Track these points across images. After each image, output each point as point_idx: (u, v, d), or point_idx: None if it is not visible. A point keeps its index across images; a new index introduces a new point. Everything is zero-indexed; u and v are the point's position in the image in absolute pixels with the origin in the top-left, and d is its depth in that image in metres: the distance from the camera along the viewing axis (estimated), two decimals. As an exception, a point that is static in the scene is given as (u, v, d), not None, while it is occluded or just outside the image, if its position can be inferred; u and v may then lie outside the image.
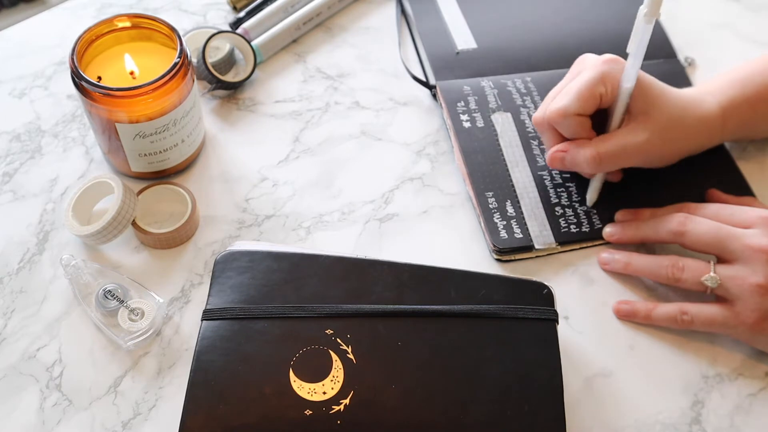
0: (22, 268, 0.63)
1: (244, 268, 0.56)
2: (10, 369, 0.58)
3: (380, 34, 0.80)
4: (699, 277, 0.58)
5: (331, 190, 0.69)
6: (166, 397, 0.57)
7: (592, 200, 0.67)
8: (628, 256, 0.63)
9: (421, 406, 0.51)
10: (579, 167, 0.64)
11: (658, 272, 0.61)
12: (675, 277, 0.60)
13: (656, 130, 0.62)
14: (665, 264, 0.60)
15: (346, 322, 0.54)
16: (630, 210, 0.66)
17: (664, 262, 0.60)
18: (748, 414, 0.58)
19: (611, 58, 0.63)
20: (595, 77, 0.61)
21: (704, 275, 0.58)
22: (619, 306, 0.62)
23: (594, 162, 0.62)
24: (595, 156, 0.62)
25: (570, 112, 0.62)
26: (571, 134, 0.64)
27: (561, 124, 0.63)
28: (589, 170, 0.64)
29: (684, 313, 0.59)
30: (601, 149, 0.62)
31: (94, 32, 0.64)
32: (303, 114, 0.74)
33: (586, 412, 0.57)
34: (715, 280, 0.58)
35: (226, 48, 0.74)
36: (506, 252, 0.64)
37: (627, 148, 0.62)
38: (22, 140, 0.71)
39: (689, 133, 0.64)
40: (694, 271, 0.59)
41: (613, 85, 0.62)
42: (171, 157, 0.66)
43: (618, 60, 0.63)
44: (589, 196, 0.67)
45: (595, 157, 0.62)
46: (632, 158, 0.63)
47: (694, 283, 0.59)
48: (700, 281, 0.58)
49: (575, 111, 0.62)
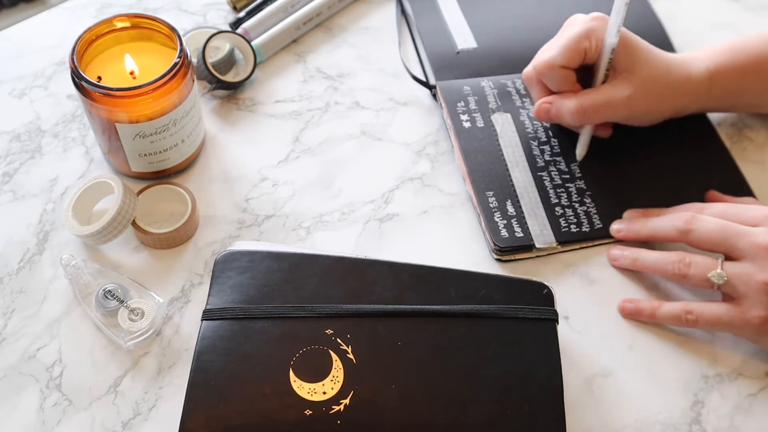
0: (22, 268, 0.63)
1: (244, 268, 0.56)
2: (10, 369, 0.58)
3: (380, 34, 0.80)
4: (706, 274, 0.58)
5: (331, 190, 0.69)
6: (166, 397, 0.57)
7: (581, 154, 0.68)
8: (636, 252, 0.63)
9: (421, 406, 0.51)
10: (563, 119, 0.66)
11: (665, 268, 0.61)
12: (682, 273, 0.60)
13: (639, 86, 0.64)
14: (672, 260, 0.60)
15: (346, 322, 0.54)
16: (638, 209, 0.66)
17: (671, 258, 0.60)
18: (748, 414, 0.58)
19: (598, 15, 0.65)
20: (581, 32, 0.64)
21: (711, 272, 0.58)
22: (624, 305, 0.62)
23: (578, 113, 0.65)
24: (579, 108, 0.65)
25: (555, 64, 0.64)
26: (556, 87, 0.66)
27: (547, 75, 0.65)
28: (573, 122, 0.66)
29: (689, 312, 0.59)
30: (585, 102, 0.65)
31: (94, 32, 0.64)
32: (303, 114, 0.74)
33: (586, 412, 0.57)
34: (721, 277, 0.57)
35: (226, 48, 0.74)
36: (507, 251, 0.64)
37: (610, 102, 0.64)
38: (22, 140, 0.71)
39: (673, 92, 0.66)
40: (701, 268, 0.59)
41: (598, 40, 0.64)
42: (171, 157, 0.66)
43: (605, 17, 0.65)
44: (578, 150, 0.69)
45: (578, 108, 0.65)
46: (616, 112, 0.65)
47: (701, 279, 0.59)
48: (706, 278, 0.58)
49: (560, 63, 0.64)
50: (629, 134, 0.71)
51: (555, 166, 0.69)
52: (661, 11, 0.81)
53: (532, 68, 0.67)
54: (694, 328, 0.60)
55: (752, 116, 0.74)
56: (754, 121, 0.74)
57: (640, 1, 0.82)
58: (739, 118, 0.74)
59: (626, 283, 0.64)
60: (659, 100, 0.66)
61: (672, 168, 0.69)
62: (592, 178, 0.68)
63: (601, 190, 0.68)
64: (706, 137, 0.71)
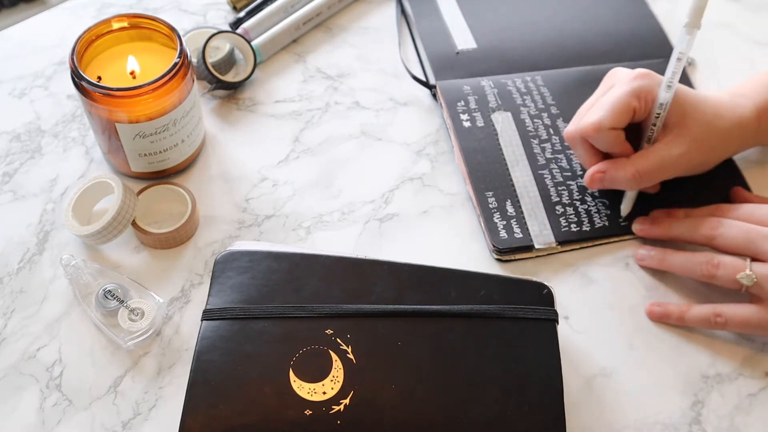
0: (22, 268, 0.63)
1: (244, 268, 0.56)
2: (10, 369, 0.58)
3: (380, 34, 0.80)
4: (734, 275, 0.58)
5: (331, 190, 0.69)
6: (166, 397, 0.57)
7: (626, 211, 0.66)
8: (663, 253, 0.63)
9: (421, 406, 0.51)
10: (619, 186, 0.64)
11: (693, 269, 0.60)
12: (710, 274, 0.59)
13: (693, 140, 0.62)
14: (700, 261, 0.60)
15: (346, 322, 0.54)
16: (663, 210, 0.65)
17: (698, 259, 0.60)
18: (748, 414, 0.58)
19: (644, 72, 0.63)
20: (629, 91, 0.62)
21: (740, 273, 0.58)
22: (652, 308, 0.61)
23: (635, 180, 0.62)
24: (635, 174, 0.62)
25: (605, 126, 0.61)
26: (605, 148, 0.63)
27: (595, 138, 0.62)
28: (629, 188, 0.64)
29: (718, 315, 0.59)
30: (641, 167, 0.62)
31: (93, 32, 0.64)
32: (303, 114, 0.74)
33: (586, 412, 0.57)
34: (751, 279, 0.57)
35: (226, 48, 0.74)
36: (506, 252, 0.64)
37: (666, 162, 0.62)
38: (22, 140, 0.71)
39: (726, 138, 0.64)
40: (730, 269, 0.58)
41: (646, 99, 0.62)
42: (171, 157, 0.66)
43: (650, 74, 0.63)
44: (623, 206, 0.66)
45: (635, 175, 0.62)
46: (672, 171, 0.63)
47: (729, 280, 0.58)
48: (735, 279, 0.58)
49: (609, 125, 0.61)
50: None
51: (556, 164, 0.69)
52: (659, 12, 0.81)
53: (575, 130, 0.64)
54: (723, 330, 0.60)
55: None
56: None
57: (638, 2, 0.82)
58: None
59: (626, 283, 0.64)
60: (713, 148, 0.64)
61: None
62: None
63: (602, 189, 0.67)
64: None
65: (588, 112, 0.64)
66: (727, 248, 0.60)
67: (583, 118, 0.63)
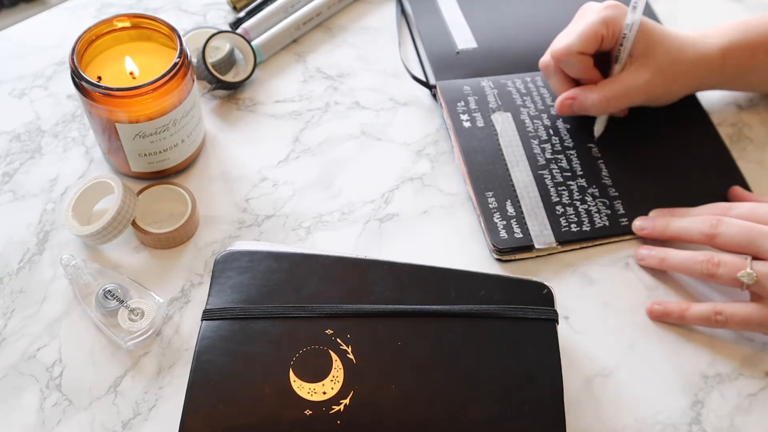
0: (22, 268, 0.63)
1: (244, 268, 0.56)
2: (10, 369, 0.58)
3: (380, 34, 0.80)
4: (735, 273, 0.58)
5: (331, 190, 0.69)
6: (166, 397, 0.57)
7: (599, 131, 0.70)
8: (664, 252, 0.63)
9: (421, 406, 0.51)
10: (587, 111, 0.68)
11: (693, 268, 0.61)
12: (710, 272, 0.59)
13: (657, 69, 0.66)
14: (700, 259, 0.60)
15: (346, 322, 0.54)
16: (664, 209, 0.66)
17: (699, 258, 0.60)
18: (748, 414, 0.58)
19: (613, 3, 0.67)
20: (597, 19, 0.66)
21: (740, 271, 0.58)
22: (652, 307, 0.62)
23: (601, 104, 0.67)
24: (602, 99, 0.66)
25: (573, 50, 0.66)
26: (575, 72, 0.68)
27: (565, 62, 0.67)
28: (597, 113, 0.69)
29: (718, 313, 0.59)
30: (608, 92, 0.66)
31: (94, 32, 0.64)
32: (303, 114, 0.74)
33: (586, 412, 0.57)
34: (751, 277, 0.57)
35: (226, 48, 0.74)
36: (506, 252, 0.64)
37: (631, 89, 0.66)
38: (22, 140, 0.71)
39: (689, 70, 0.67)
40: (730, 267, 0.59)
41: (614, 27, 0.66)
42: (171, 157, 0.66)
43: (618, 5, 0.67)
44: (596, 127, 0.70)
45: (602, 99, 0.66)
46: (637, 97, 0.67)
47: (730, 279, 0.58)
48: (735, 277, 0.58)
49: (578, 49, 0.66)
50: (630, 134, 0.71)
51: (556, 164, 0.69)
52: (661, 12, 0.81)
53: (549, 56, 0.68)
54: (723, 328, 0.60)
55: (752, 116, 0.74)
56: (754, 121, 0.74)
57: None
58: (739, 118, 0.74)
59: (626, 283, 0.64)
60: (675, 80, 0.67)
61: (672, 167, 0.70)
62: (593, 176, 0.68)
63: (602, 188, 0.68)
64: (707, 137, 0.71)
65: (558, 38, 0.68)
66: (728, 247, 0.60)
67: (554, 43, 0.68)
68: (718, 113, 0.74)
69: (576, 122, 0.71)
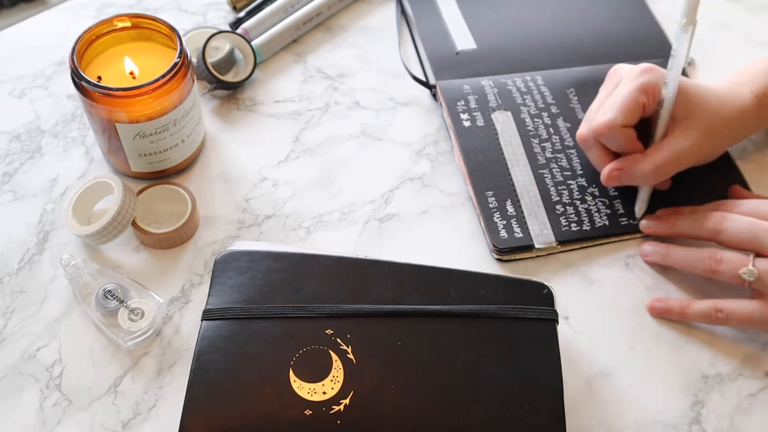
0: (22, 268, 0.63)
1: (244, 268, 0.56)
2: (10, 369, 0.58)
3: (380, 34, 0.80)
4: (737, 270, 0.58)
5: (331, 190, 0.69)
6: (166, 397, 0.57)
7: (642, 211, 0.66)
8: (667, 248, 0.63)
9: (421, 406, 0.51)
10: (636, 182, 0.65)
11: (696, 264, 0.61)
12: (713, 269, 0.60)
13: (701, 131, 0.63)
14: (703, 256, 0.60)
15: (346, 322, 0.54)
16: (669, 208, 0.66)
17: (702, 254, 0.61)
18: (748, 414, 0.58)
19: (648, 67, 0.64)
20: (637, 87, 0.63)
21: (742, 268, 0.58)
22: (653, 304, 0.62)
23: (653, 174, 0.63)
24: (653, 168, 0.63)
25: (617, 124, 0.62)
26: (618, 147, 0.64)
27: (608, 137, 0.63)
28: (646, 183, 0.65)
29: (719, 311, 0.59)
30: (657, 161, 0.63)
31: (93, 32, 0.64)
32: (303, 114, 0.74)
33: (586, 412, 0.57)
34: (753, 274, 0.58)
35: (226, 48, 0.74)
36: (506, 251, 0.64)
37: (679, 154, 0.63)
38: (22, 140, 0.71)
39: (730, 126, 0.65)
40: (733, 264, 0.59)
41: (654, 93, 0.63)
42: (171, 157, 0.66)
43: (654, 68, 0.64)
44: (638, 207, 0.66)
45: (653, 169, 0.63)
46: (686, 162, 0.64)
47: (732, 276, 0.59)
48: (737, 274, 0.58)
49: (622, 123, 0.62)
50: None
51: (556, 163, 0.69)
52: (658, 12, 0.81)
53: (588, 131, 0.65)
54: (724, 326, 0.60)
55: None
56: (754, 121, 0.74)
57: (638, 3, 0.82)
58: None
59: (626, 283, 0.64)
60: (719, 136, 0.65)
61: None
62: (593, 175, 0.68)
63: (602, 188, 0.68)
64: None
65: (598, 112, 0.64)
66: (732, 243, 0.60)
67: (595, 118, 0.64)
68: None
69: (577, 120, 0.71)
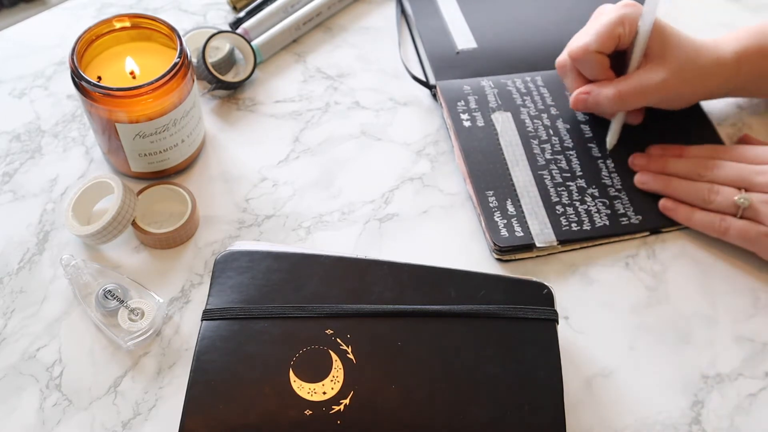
0: (22, 268, 0.63)
1: (244, 268, 0.56)
2: (10, 369, 0.58)
3: (380, 34, 0.80)
4: (731, 198, 0.63)
5: (331, 190, 0.69)
6: (166, 397, 0.57)
7: (612, 143, 0.69)
8: (668, 179, 0.67)
9: (421, 406, 0.51)
10: (601, 106, 0.68)
11: (696, 194, 0.65)
12: (709, 199, 0.64)
13: (673, 70, 0.66)
14: (701, 187, 0.65)
15: (346, 322, 0.54)
16: (659, 145, 0.69)
17: (700, 185, 0.65)
18: (748, 414, 0.58)
19: (630, 2, 0.67)
20: (615, 18, 0.66)
21: (737, 195, 0.63)
22: (665, 203, 0.66)
23: (616, 99, 0.66)
24: (617, 94, 0.66)
25: (591, 49, 0.66)
26: (591, 73, 0.68)
27: (582, 62, 0.67)
28: (610, 109, 0.67)
29: (722, 219, 0.63)
30: (623, 87, 0.66)
31: (93, 32, 0.64)
32: (303, 114, 0.74)
33: (586, 412, 0.57)
34: (747, 200, 0.62)
35: (226, 48, 0.74)
36: (507, 251, 0.64)
37: (646, 87, 0.66)
38: (22, 140, 0.71)
39: (703, 74, 0.67)
40: (728, 193, 0.64)
41: (631, 26, 0.66)
42: (171, 157, 0.66)
43: (635, 4, 0.67)
44: (609, 138, 0.70)
45: (616, 94, 0.66)
46: (651, 96, 0.67)
47: (728, 204, 0.63)
48: (733, 201, 0.63)
49: (595, 48, 0.66)
50: (630, 134, 0.71)
51: (556, 165, 0.69)
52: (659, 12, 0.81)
53: (566, 55, 0.68)
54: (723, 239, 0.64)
55: (752, 116, 0.74)
56: (754, 121, 0.74)
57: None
58: (739, 117, 0.74)
59: (626, 283, 0.64)
60: (690, 82, 0.67)
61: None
62: (593, 176, 0.68)
63: (602, 188, 0.68)
64: (707, 137, 0.71)
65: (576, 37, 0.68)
66: (722, 183, 0.65)
67: (571, 42, 0.68)
68: (718, 113, 0.74)
69: (576, 122, 0.72)
